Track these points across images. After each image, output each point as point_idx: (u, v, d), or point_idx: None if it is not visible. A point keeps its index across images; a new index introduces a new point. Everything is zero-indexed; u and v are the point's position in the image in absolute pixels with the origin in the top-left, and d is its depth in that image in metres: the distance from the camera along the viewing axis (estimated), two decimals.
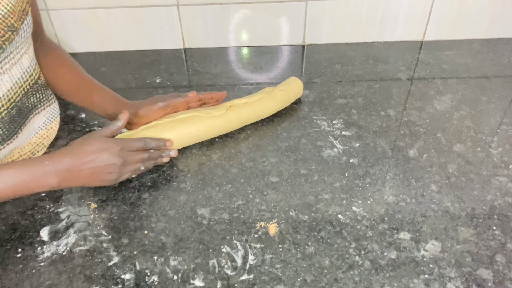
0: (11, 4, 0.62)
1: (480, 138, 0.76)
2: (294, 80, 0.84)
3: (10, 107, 0.65)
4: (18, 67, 0.66)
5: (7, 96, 0.65)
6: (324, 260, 0.57)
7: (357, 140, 0.76)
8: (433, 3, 0.99)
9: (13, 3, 0.62)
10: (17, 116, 0.67)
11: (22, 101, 0.69)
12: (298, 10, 0.99)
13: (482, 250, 0.58)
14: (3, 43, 0.60)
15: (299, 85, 0.84)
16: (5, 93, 0.64)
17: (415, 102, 0.86)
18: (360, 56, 1.01)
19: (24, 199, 0.66)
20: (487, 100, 0.86)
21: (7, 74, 0.64)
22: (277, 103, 0.80)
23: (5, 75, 0.64)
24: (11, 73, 0.65)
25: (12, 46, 0.64)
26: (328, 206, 0.64)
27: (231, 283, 0.54)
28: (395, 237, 0.60)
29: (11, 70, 0.65)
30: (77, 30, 0.99)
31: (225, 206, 0.65)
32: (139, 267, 0.57)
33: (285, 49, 1.05)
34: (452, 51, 1.02)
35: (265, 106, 0.79)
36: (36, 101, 0.72)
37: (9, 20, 0.61)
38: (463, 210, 0.64)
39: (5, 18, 0.61)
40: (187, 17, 0.99)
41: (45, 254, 0.58)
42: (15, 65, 0.66)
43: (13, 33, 0.62)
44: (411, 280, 0.54)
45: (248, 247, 0.59)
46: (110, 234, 0.61)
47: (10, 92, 0.65)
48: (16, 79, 0.66)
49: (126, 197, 0.66)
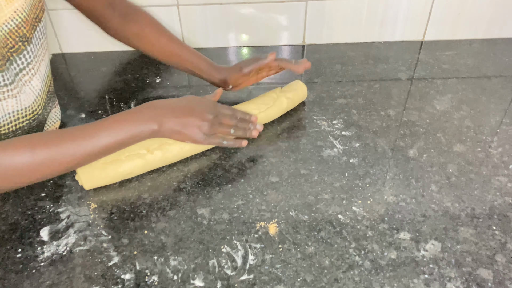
0: (25, 13, 0.60)
1: (480, 138, 0.76)
2: (300, 87, 0.83)
3: (31, 118, 0.65)
4: (38, 77, 0.66)
5: (30, 108, 0.64)
6: (324, 260, 0.57)
7: (357, 140, 0.76)
8: (433, 3, 0.99)
9: (27, 12, 0.61)
10: (36, 127, 0.68)
11: (43, 113, 0.69)
12: (298, 10, 0.99)
13: (482, 250, 0.58)
14: (11, 54, 0.60)
15: (304, 91, 0.83)
16: (28, 106, 0.64)
17: (415, 102, 0.86)
18: (360, 56, 1.01)
19: (24, 199, 0.66)
20: (487, 100, 0.86)
21: (28, 86, 0.64)
22: (281, 111, 0.80)
23: (26, 87, 0.63)
24: (31, 84, 0.64)
25: (30, 56, 0.63)
26: (328, 206, 0.64)
27: (231, 283, 0.54)
28: (395, 237, 0.60)
29: (31, 81, 0.64)
30: (77, 30, 0.99)
31: (225, 206, 0.65)
32: (139, 267, 0.57)
33: (285, 49, 1.04)
34: (452, 51, 1.02)
35: (269, 116, 0.79)
36: (49, 109, 0.72)
37: (22, 30, 0.60)
38: (463, 210, 0.64)
39: (18, 28, 0.60)
40: (187, 17, 0.99)
41: (45, 254, 0.58)
42: (35, 75, 0.65)
43: (24, 43, 0.61)
44: (411, 280, 0.54)
45: (248, 247, 0.59)
46: (110, 234, 0.61)
47: (34, 104, 0.65)
48: (37, 90, 0.66)
49: (126, 197, 0.66)
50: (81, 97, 0.90)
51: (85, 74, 0.96)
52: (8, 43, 0.59)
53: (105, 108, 0.86)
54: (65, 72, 0.98)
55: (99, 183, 0.67)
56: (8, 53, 0.59)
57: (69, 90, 0.92)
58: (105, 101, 0.88)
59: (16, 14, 0.59)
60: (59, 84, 0.93)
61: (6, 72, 0.58)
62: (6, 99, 0.60)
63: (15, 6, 0.59)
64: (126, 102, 0.87)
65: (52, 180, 0.69)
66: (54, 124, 0.76)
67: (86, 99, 0.89)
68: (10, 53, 0.59)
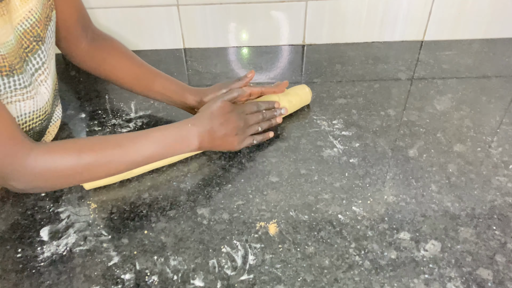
0: (38, 13, 0.61)
1: (480, 138, 0.76)
2: (304, 93, 0.82)
3: (44, 118, 0.66)
4: (51, 76, 0.65)
5: (43, 108, 0.64)
6: (324, 260, 0.57)
7: (357, 140, 0.76)
8: (433, 3, 0.99)
9: (40, 12, 0.61)
10: (45, 127, 0.68)
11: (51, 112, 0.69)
12: (298, 10, 0.99)
13: (482, 250, 0.58)
14: (26, 55, 0.60)
15: (308, 96, 0.83)
16: (41, 107, 0.64)
17: (415, 102, 0.86)
18: (360, 56, 1.01)
19: (24, 199, 0.66)
20: (487, 100, 0.86)
21: (43, 85, 0.64)
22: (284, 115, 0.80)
23: (42, 87, 0.64)
24: (47, 83, 0.64)
25: (44, 55, 0.63)
26: (328, 206, 0.64)
27: (231, 283, 0.54)
28: (395, 237, 0.60)
29: (47, 81, 0.64)
30: None
31: (225, 206, 0.65)
32: (139, 267, 0.57)
33: (285, 49, 1.04)
34: (452, 51, 1.02)
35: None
36: (54, 107, 0.72)
37: (36, 30, 0.60)
38: (463, 210, 0.64)
39: (32, 28, 0.60)
40: (187, 17, 0.99)
41: (45, 254, 0.58)
42: (50, 74, 0.65)
43: (38, 43, 0.61)
44: (411, 280, 0.54)
45: (248, 247, 0.59)
46: (110, 234, 0.61)
47: (47, 105, 0.65)
48: (50, 90, 0.66)
49: (126, 197, 0.67)
50: (81, 97, 0.90)
51: (85, 74, 0.96)
52: (23, 43, 0.59)
53: (105, 108, 0.86)
54: (65, 72, 0.98)
55: (100, 183, 0.67)
56: (23, 53, 0.59)
57: (69, 90, 0.92)
58: (105, 101, 0.88)
59: (30, 14, 0.59)
60: (59, 84, 0.93)
61: (24, 74, 0.59)
62: (24, 101, 0.60)
63: (30, 6, 0.59)
64: (126, 102, 0.87)
65: None
66: (55, 122, 0.76)
67: (86, 99, 0.89)
68: (25, 53, 0.60)
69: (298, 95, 0.81)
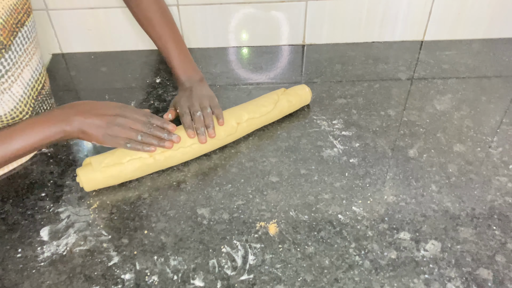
0: (1, 19, 0.59)
1: (480, 138, 0.76)
2: (304, 93, 0.82)
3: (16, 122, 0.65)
4: (19, 83, 0.65)
5: (10, 115, 0.64)
6: (324, 260, 0.57)
7: (357, 140, 0.76)
8: (433, 3, 0.99)
9: (4, 18, 0.59)
10: None
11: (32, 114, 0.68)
12: (298, 10, 0.99)
13: (482, 250, 0.58)
14: None
15: (307, 96, 0.83)
16: (7, 112, 0.63)
17: (415, 102, 0.86)
18: (360, 56, 1.01)
19: (24, 199, 0.66)
20: (487, 100, 0.86)
21: (7, 93, 0.63)
22: (281, 114, 0.80)
23: (5, 94, 0.63)
24: (11, 91, 0.64)
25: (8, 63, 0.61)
26: (328, 206, 0.64)
27: (231, 283, 0.54)
28: (395, 237, 0.60)
29: (11, 88, 0.63)
30: (77, 30, 0.99)
31: (225, 206, 0.65)
32: (139, 267, 0.57)
33: (285, 49, 1.04)
34: (452, 51, 1.02)
35: (270, 118, 0.78)
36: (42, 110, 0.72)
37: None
38: (463, 210, 0.64)
39: None
40: (187, 17, 0.99)
41: (45, 254, 0.58)
42: (15, 82, 0.64)
43: (1, 51, 0.60)
44: (411, 280, 0.54)
45: (248, 247, 0.59)
46: (110, 234, 0.61)
47: (14, 111, 0.64)
48: (19, 96, 0.65)
49: (126, 197, 0.67)
50: (81, 97, 0.90)
51: (85, 74, 0.96)
52: None
53: None
54: (65, 72, 0.98)
55: (100, 185, 0.67)
56: None
57: (69, 90, 0.92)
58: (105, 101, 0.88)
59: None
60: (59, 84, 0.93)
61: None
62: None
63: None
64: (126, 102, 0.87)
65: (52, 180, 0.69)
66: None
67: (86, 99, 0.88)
68: None
69: (298, 95, 0.81)
